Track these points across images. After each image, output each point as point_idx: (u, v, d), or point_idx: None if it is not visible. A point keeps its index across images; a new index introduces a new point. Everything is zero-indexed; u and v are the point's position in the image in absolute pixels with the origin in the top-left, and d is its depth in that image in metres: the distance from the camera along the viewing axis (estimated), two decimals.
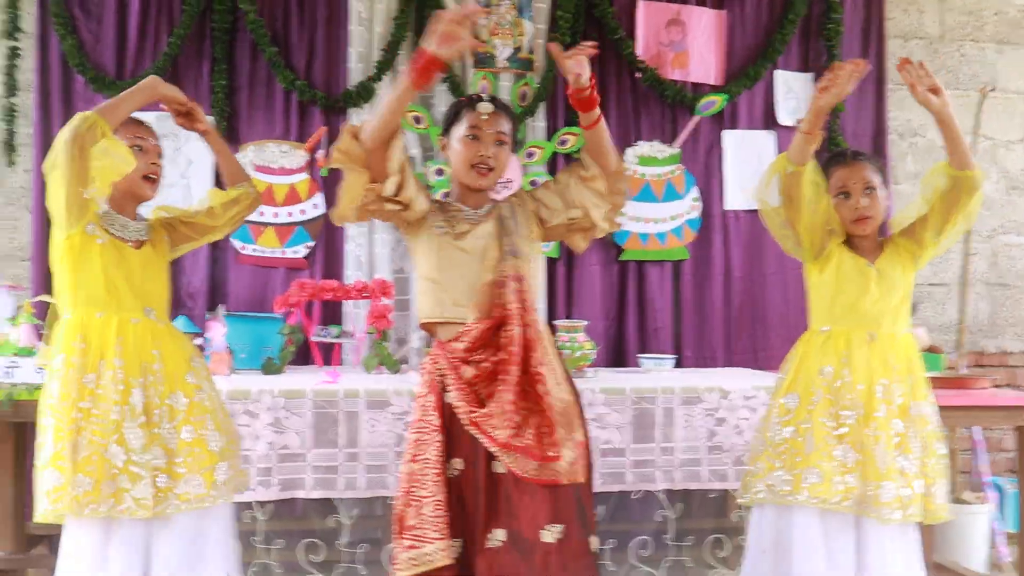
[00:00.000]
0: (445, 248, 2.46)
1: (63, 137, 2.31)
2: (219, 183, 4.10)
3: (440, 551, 2.28)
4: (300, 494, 3.13)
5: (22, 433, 3.54)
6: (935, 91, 2.52)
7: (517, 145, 4.25)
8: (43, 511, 2.38)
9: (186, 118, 2.65)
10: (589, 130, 2.48)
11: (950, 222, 2.67)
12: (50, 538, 3.79)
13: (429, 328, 2.56)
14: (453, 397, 2.39)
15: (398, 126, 2.38)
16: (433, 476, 2.33)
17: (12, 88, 4.15)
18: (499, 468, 2.33)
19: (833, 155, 2.84)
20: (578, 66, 2.33)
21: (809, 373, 2.70)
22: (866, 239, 2.76)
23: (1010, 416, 3.52)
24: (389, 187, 2.37)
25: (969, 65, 4.84)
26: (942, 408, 2.91)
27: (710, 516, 3.68)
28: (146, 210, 2.65)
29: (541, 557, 2.29)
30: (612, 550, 3.53)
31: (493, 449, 2.32)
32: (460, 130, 2.47)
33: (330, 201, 4.19)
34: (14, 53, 4.14)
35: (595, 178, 2.51)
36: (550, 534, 2.31)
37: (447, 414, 2.40)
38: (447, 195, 2.64)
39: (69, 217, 2.38)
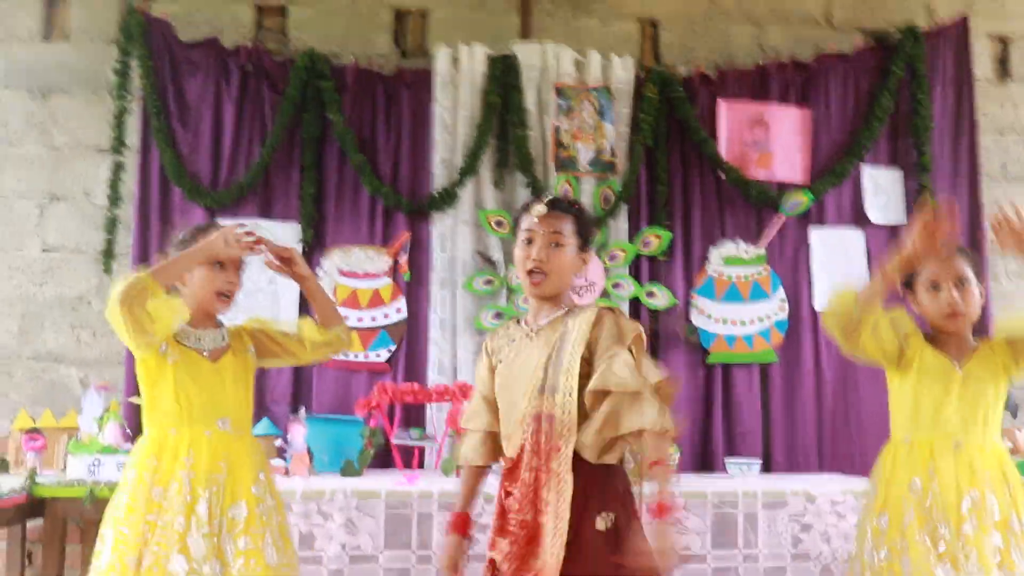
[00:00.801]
0: (502, 371, 2.36)
1: (115, 296, 2.33)
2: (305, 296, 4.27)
3: None
4: None
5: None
6: None
7: (600, 248, 4.26)
8: None
9: (284, 263, 2.61)
10: None
11: None
12: None
13: None
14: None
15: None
16: None
17: (115, 200, 4.31)
18: None
19: None
20: None
21: (898, 489, 2.57)
22: (955, 337, 2.61)
23: None
24: None
25: None
26: None
27: None
28: (240, 316, 2.68)
29: None
30: None
31: None
32: (519, 236, 2.35)
33: (411, 304, 4.32)
34: (118, 167, 4.30)
35: None
36: None
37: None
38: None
39: (138, 350, 2.43)
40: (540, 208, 2.31)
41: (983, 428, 2.57)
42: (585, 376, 2.18)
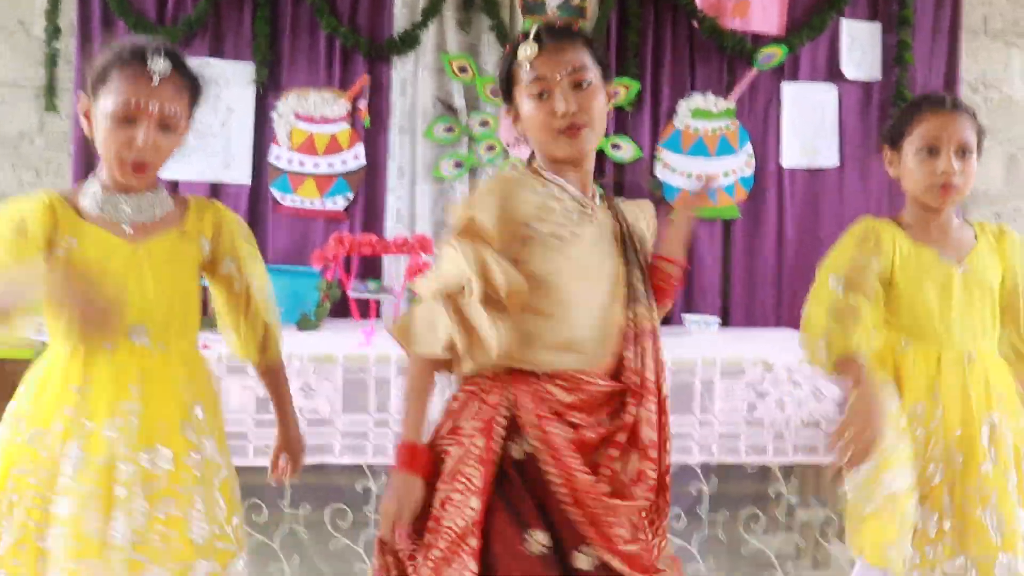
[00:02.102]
0: (566, 251, 1.77)
1: None
2: (259, 135, 4.17)
3: None
4: (330, 459, 3.13)
5: None
6: None
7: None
8: None
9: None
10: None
11: None
12: None
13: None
14: (541, 453, 1.71)
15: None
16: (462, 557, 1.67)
17: (54, 32, 4.19)
18: (583, 564, 1.68)
19: (923, 98, 2.34)
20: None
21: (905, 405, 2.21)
22: (938, 220, 2.25)
23: None
24: None
25: None
26: None
27: (747, 490, 3.64)
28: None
29: None
30: None
31: (605, 555, 1.67)
32: (521, 94, 1.80)
33: (370, 152, 4.27)
34: None
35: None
36: None
37: (501, 470, 1.73)
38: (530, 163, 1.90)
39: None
40: (533, 47, 1.77)
41: (993, 336, 2.25)
42: None
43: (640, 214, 1.95)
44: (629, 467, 1.72)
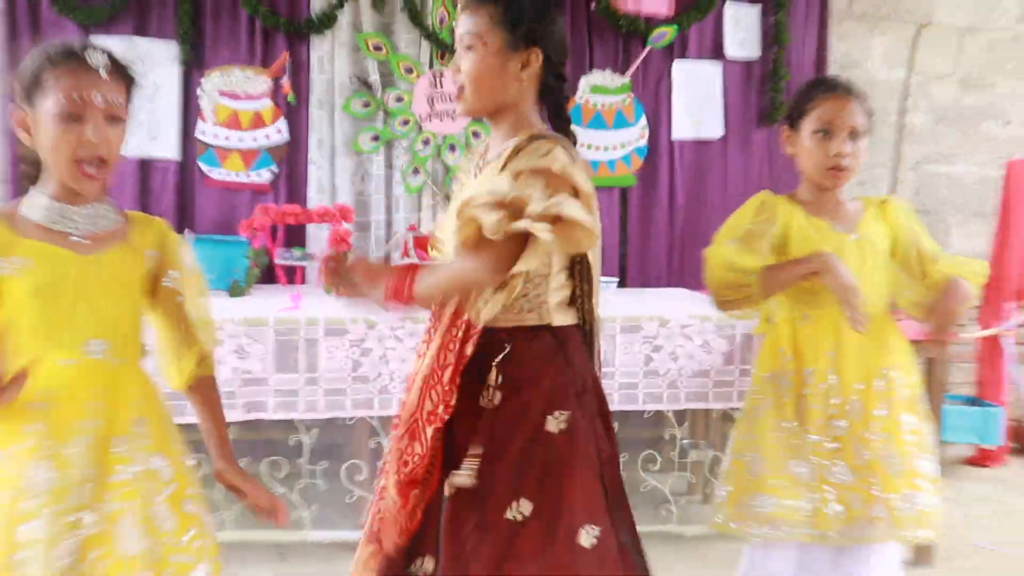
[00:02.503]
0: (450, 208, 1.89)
1: None
2: (185, 112, 4.21)
3: None
4: (263, 415, 3.16)
5: None
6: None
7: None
8: None
9: None
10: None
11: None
12: None
13: None
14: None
15: None
16: None
17: None
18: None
19: (820, 81, 2.38)
20: None
21: (796, 378, 2.27)
22: (831, 198, 2.30)
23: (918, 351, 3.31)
24: None
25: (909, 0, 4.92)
26: None
27: (644, 434, 3.80)
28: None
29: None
30: None
31: None
32: None
33: (293, 127, 4.32)
34: None
35: None
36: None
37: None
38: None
39: None
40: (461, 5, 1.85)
41: (886, 299, 2.31)
42: None
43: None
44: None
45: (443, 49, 4.38)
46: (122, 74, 1.75)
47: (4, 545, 1.60)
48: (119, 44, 3.72)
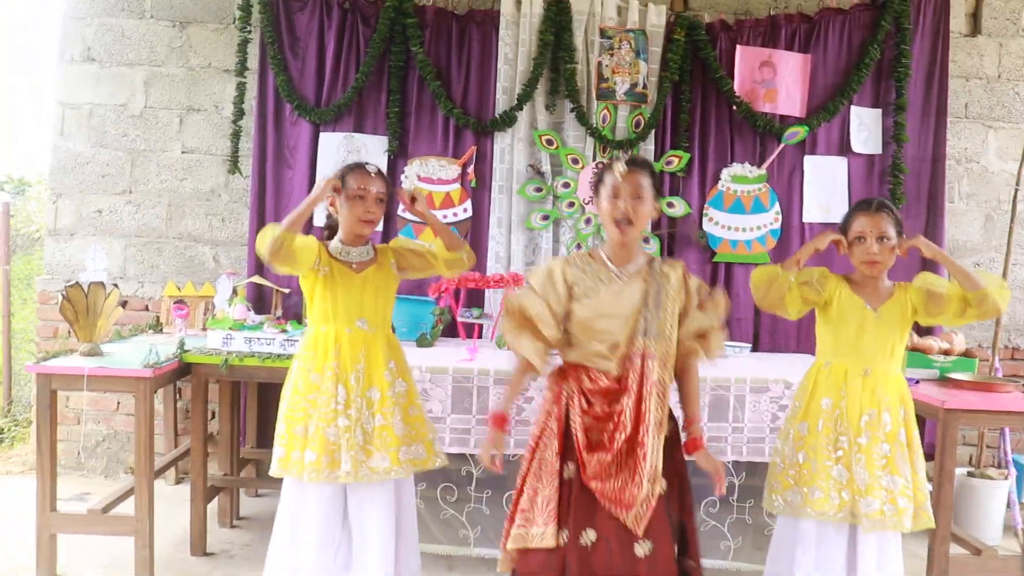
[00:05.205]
0: (590, 303, 2.47)
1: (263, 252, 2.72)
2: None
3: (545, 535, 2.35)
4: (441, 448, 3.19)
5: (237, 388, 4.05)
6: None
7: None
8: (276, 471, 2.86)
9: (411, 204, 2.95)
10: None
11: (966, 317, 2.82)
12: (256, 463, 4.42)
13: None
14: (575, 415, 2.45)
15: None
16: (549, 471, 2.41)
17: (239, 113, 4.80)
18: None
19: (860, 202, 2.95)
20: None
21: (816, 403, 2.86)
22: (872, 282, 2.86)
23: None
24: None
25: (1022, 102, 5.05)
26: (974, 411, 3.26)
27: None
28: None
29: (628, 567, 2.33)
30: None
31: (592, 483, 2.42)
32: (603, 190, 2.50)
33: (476, 206, 4.72)
34: (241, 86, 4.80)
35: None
36: (641, 549, 2.36)
37: (566, 423, 2.46)
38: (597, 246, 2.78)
39: (295, 275, 2.88)
40: (622, 167, 2.46)
41: (890, 359, 2.84)
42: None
43: (671, 272, 2.55)
44: (616, 434, 2.41)
45: (605, 144, 4.76)
46: (383, 176, 2.91)
47: (329, 429, 2.76)
48: (342, 138, 4.53)
